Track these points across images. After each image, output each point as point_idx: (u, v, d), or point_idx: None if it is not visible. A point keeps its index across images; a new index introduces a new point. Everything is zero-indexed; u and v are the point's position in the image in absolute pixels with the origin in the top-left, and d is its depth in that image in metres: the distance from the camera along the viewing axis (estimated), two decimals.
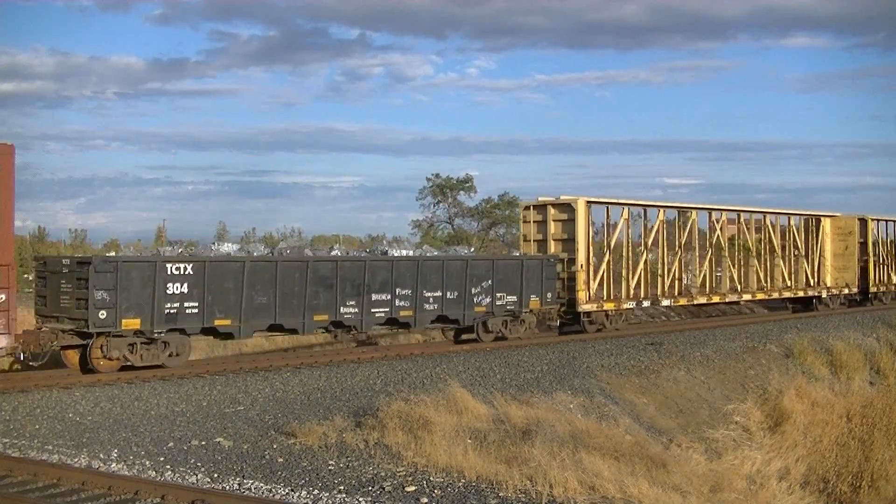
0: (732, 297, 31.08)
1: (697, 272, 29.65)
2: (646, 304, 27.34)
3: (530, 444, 11.05)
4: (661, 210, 28.32)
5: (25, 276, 28.57)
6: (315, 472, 10.47)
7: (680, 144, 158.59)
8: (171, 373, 17.00)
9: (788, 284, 33.34)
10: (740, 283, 31.22)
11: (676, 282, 28.30)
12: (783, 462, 17.19)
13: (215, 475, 10.25)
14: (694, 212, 29.65)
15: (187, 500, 8.97)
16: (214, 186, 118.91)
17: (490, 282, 22.04)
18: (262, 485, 9.93)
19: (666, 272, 27.85)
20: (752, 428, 18.41)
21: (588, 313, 24.99)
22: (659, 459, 11.75)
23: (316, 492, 9.64)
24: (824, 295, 34.91)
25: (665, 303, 28.41)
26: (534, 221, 26.14)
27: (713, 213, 30.59)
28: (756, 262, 31.89)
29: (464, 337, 22.87)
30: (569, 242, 25.09)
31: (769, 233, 32.66)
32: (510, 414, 12.68)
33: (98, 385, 15.82)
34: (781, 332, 25.95)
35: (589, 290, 24.96)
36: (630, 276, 26.55)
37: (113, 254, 20.29)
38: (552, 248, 25.38)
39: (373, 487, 9.88)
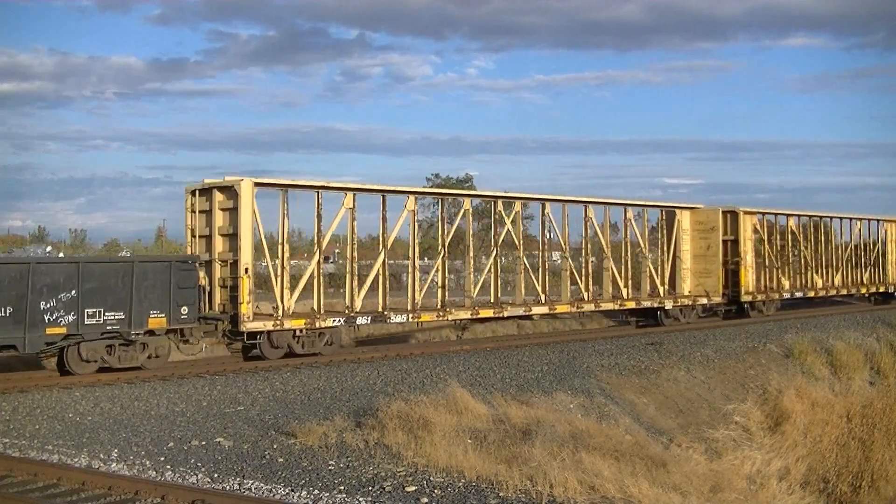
0: (515, 311, 23.56)
1: (470, 278, 23.37)
2: (363, 320, 20.56)
3: (530, 444, 11.04)
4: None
5: None
6: (315, 472, 10.46)
7: (679, 144, 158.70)
8: (172, 373, 17.01)
9: (623, 294, 26.47)
10: (545, 292, 24.32)
11: (440, 290, 22.48)
12: (783, 462, 17.19)
13: (215, 475, 10.25)
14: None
15: (187, 500, 8.97)
16: None
17: (74, 293, 16.37)
18: (262, 485, 9.93)
19: (415, 280, 21.77)
20: (752, 428, 18.41)
21: (257, 334, 18.57)
22: (659, 459, 11.74)
23: (316, 492, 9.64)
24: (669, 305, 27.44)
25: (397, 319, 21.42)
26: (200, 211, 19.79)
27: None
28: (572, 265, 25.41)
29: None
30: (234, 238, 18.90)
31: (597, 229, 26.08)
32: (510, 414, 12.68)
33: (98, 385, 15.82)
34: (781, 332, 25.94)
35: (281, 302, 19.13)
36: (360, 283, 20.79)
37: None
38: (218, 245, 19.29)
39: (373, 487, 9.88)
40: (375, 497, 9.54)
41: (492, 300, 23.18)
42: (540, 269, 24.40)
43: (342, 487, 9.84)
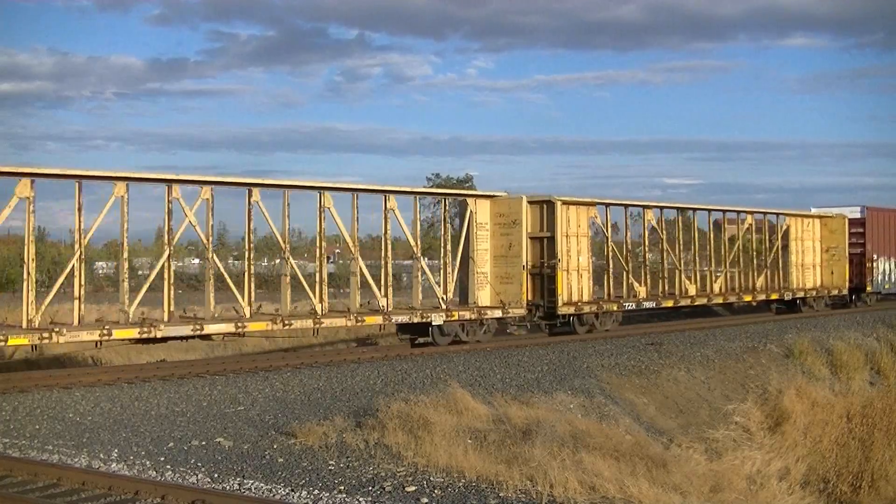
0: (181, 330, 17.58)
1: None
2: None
3: (530, 444, 11.04)
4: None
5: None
6: (315, 472, 10.47)
7: (679, 144, 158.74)
8: (171, 373, 17.01)
9: (382, 305, 20.81)
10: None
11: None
12: (783, 462, 17.17)
13: (215, 475, 10.25)
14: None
15: (187, 500, 8.97)
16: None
17: None
18: (262, 485, 9.93)
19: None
20: (752, 428, 18.40)
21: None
22: (659, 459, 11.74)
23: (316, 492, 9.64)
24: (440, 321, 21.25)
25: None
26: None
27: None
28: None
29: None
30: None
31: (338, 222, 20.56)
32: (510, 414, 12.68)
33: (98, 385, 15.82)
34: (781, 332, 25.95)
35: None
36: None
37: None
38: None
39: (373, 487, 9.88)
40: (375, 497, 9.54)
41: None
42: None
43: (342, 487, 9.84)
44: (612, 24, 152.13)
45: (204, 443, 11.75)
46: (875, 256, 36.47)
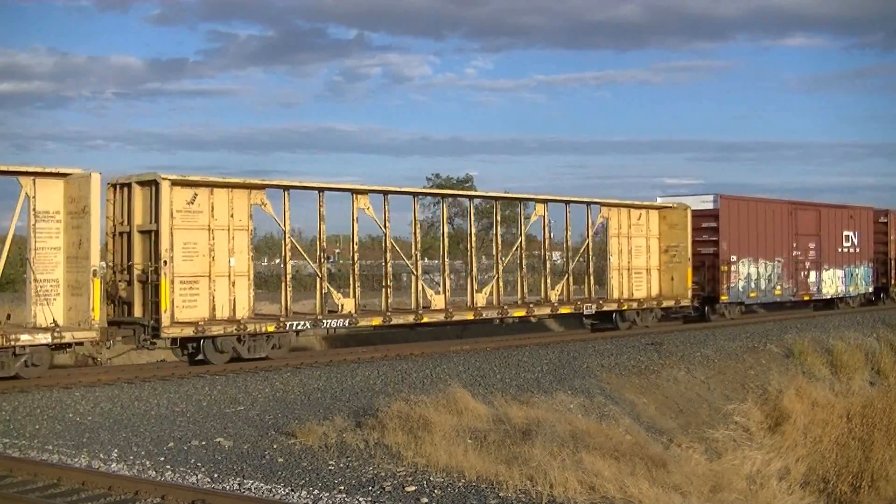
0: None
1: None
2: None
3: (530, 444, 11.04)
4: None
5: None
6: (315, 472, 10.46)
7: (679, 144, 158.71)
8: (171, 373, 17.01)
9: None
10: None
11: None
12: (783, 462, 17.19)
13: (215, 475, 10.25)
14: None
15: (187, 500, 8.97)
16: None
17: None
18: (262, 485, 9.93)
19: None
20: (752, 428, 18.41)
21: None
22: (659, 459, 11.74)
23: (316, 492, 9.64)
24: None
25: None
26: None
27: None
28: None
29: None
30: None
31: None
32: (510, 414, 12.68)
33: (98, 385, 15.82)
34: (781, 332, 25.96)
35: None
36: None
37: None
38: None
39: (373, 487, 9.87)
40: (375, 497, 9.54)
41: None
42: None
43: (342, 487, 9.84)
44: (612, 24, 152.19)
45: (204, 443, 11.75)
46: (733, 258, 28.41)
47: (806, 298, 32.67)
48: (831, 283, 33.65)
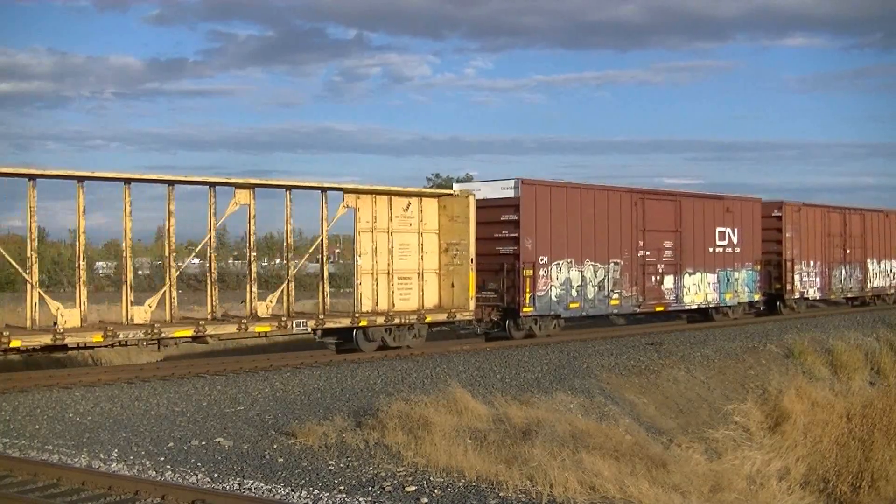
0: None
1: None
2: None
3: (530, 444, 11.05)
4: None
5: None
6: (315, 472, 10.47)
7: (679, 144, 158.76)
8: (171, 373, 17.01)
9: None
10: None
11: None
12: (783, 462, 17.19)
13: (215, 475, 10.25)
14: None
15: (187, 500, 8.97)
16: None
17: None
18: (262, 485, 9.93)
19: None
20: (752, 428, 18.41)
21: None
22: (659, 459, 11.75)
23: (316, 492, 9.64)
24: None
25: None
26: None
27: None
28: None
29: None
30: None
31: None
32: (510, 414, 12.69)
33: (98, 385, 15.82)
34: (781, 332, 25.96)
35: None
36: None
37: None
38: None
39: (373, 487, 9.88)
40: (375, 497, 9.54)
41: None
42: None
43: (342, 487, 9.84)
44: (612, 24, 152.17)
45: (204, 443, 11.75)
46: (543, 259, 22.41)
47: (659, 309, 26.14)
48: (698, 290, 27.24)
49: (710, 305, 28.09)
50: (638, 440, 13.34)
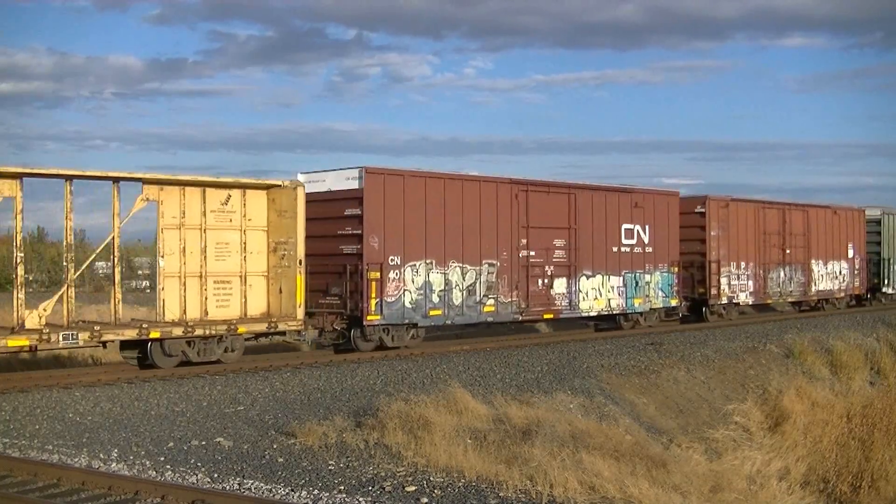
0: None
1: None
2: None
3: (530, 444, 11.05)
4: None
5: (26, 276, 28.52)
6: (315, 472, 10.47)
7: (678, 144, 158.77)
8: (171, 373, 17.01)
9: None
10: None
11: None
12: (783, 462, 17.19)
13: (215, 475, 10.25)
14: None
15: (187, 500, 8.97)
16: None
17: None
18: (262, 485, 9.93)
19: None
20: (752, 428, 18.42)
21: None
22: (659, 459, 11.75)
23: (316, 492, 9.64)
24: None
25: None
26: None
27: None
28: None
29: None
30: None
31: None
32: (510, 414, 12.69)
33: (98, 385, 15.82)
34: (781, 332, 25.97)
35: None
36: None
37: None
38: None
39: (373, 487, 9.88)
40: (375, 497, 9.54)
41: None
42: None
43: (342, 487, 9.84)
44: (611, 24, 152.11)
45: (204, 443, 11.75)
46: (394, 260, 19.62)
47: (548, 317, 23.55)
48: (598, 295, 24.12)
49: (615, 312, 24.83)
50: (638, 440, 13.34)
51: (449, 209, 20.75)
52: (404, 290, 19.88)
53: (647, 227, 25.47)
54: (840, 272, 34.36)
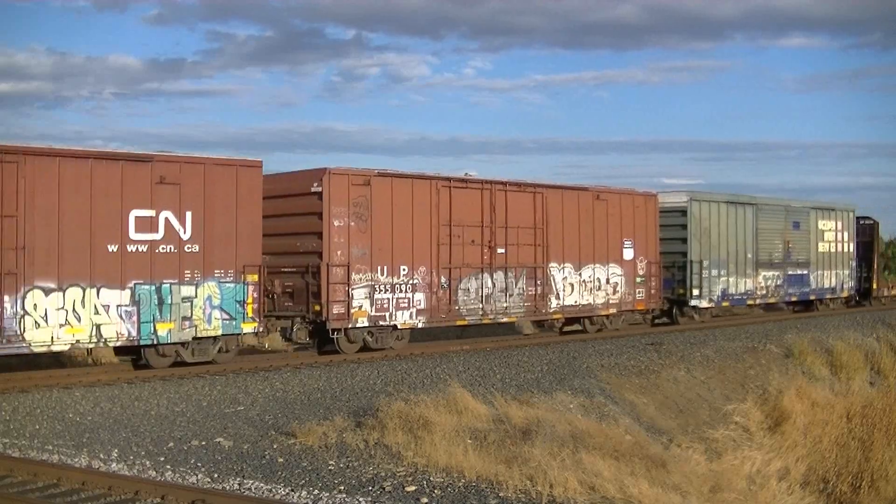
0: None
1: None
2: None
3: (530, 444, 11.04)
4: None
5: None
6: (315, 472, 10.46)
7: (678, 144, 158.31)
8: (171, 373, 17.00)
9: None
10: None
11: None
12: (783, 462, 17.19)
13: (215, 475, 10.24)
14: None
15: (187, 500, 8.97)
16: None
17: None
18: (262, 485, 9.93)
19: None
20: (752, 428, 18.40)
21: None
22: (659, 459, 11.74)
23: (316, 492, 9.64)
24: None
25: None
26: None
27: None
28: None
29: None
30: None
31: None
32: (510, 414, 12.68)
33: (98, 385, 15.81)
34: (781, 332, 25.95)
35: None
36: None
37: None
38: None
39: (373, 487, 9.87)
40: (375, 497, 9.54)
41: None
42: None
43: (342, 487, 9.84)
44: (610, 25, 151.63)
45: (204, 443, 11.74)
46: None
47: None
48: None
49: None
50: (638, 440, 13.33)
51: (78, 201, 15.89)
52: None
53: (189, 212, 16.89)
54: (608, 281, 24.73)
